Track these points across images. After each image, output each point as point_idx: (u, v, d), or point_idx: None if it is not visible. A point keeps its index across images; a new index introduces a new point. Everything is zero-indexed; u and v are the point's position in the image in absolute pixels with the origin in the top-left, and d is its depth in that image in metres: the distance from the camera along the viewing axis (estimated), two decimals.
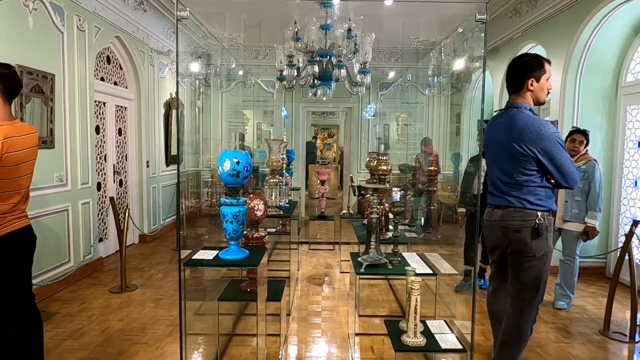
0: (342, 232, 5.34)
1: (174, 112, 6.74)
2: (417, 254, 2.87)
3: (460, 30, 5.97)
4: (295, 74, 3.73)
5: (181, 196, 5.72)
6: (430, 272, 2.48)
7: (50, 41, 3.77)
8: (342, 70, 3.57)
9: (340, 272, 4.63)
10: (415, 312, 2.02)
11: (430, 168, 5.60)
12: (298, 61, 3.82)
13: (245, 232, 2.44)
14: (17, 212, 2.03)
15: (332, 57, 3.62)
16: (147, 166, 5.91)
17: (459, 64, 5.75)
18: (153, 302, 3.69)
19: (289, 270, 4.00)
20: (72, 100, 4.09)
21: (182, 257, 2.09)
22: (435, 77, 6.58)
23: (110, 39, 4.93)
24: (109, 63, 5.13)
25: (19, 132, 1.99)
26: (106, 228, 5.10)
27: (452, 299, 3.85)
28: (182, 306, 2.11)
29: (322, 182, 5.46)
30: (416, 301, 2.01)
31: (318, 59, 3.62)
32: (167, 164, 6.64)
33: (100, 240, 4.86)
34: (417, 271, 2.25)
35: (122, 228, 4.02)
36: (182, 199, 5.70)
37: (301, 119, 8.20)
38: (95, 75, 4.65)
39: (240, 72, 8.10)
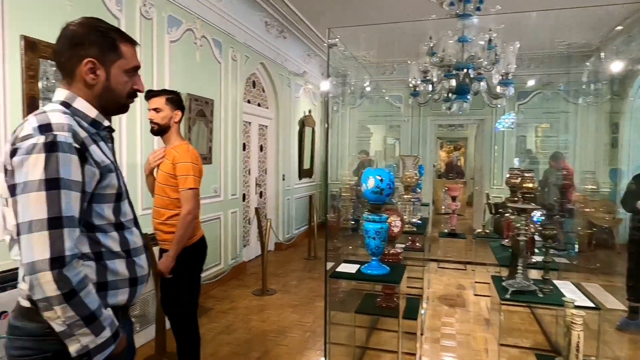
0: (476, 252, 5.05)
1: (307, 129, 7.19)
2: (572, 282, 2.57)
3: (619, 29, 5.24)
4: (430, 88, 3.69)
5: (313, 208, 6.03)
6: (593, 305, 2.20)
7: (212, 71, 4.38)
8: (481, 83, 3.42)
9: (475, 295, 4.37)
10: (577, 351, 1.81)
11: (565, 182, 5.05)
12: (432, 76, 3.78)
13: None
14: (199, 221, 2.41)
15: (470, 70, 3.49)
16: (283, 179, 6.40)
17: (619, 67, 5.04)
18: (290, 307, 3.95)
19: (420, 288, 3.92)
20: (225, 122, 4.67)
21: (324, 268, 2.22)
22: (591, 84, 5.85)
23: (256, 66, 5.51)
24: (254, 87, 5.73)
25: None
26: (248, 235, 5.65)
27: (614, 338, 3.34)
28: (327, 316, 2.23)
29: (453, 198, 5.25)
30: (578, 338, 1.81)
31: (454, 72, 3.53)
32: (300, 177, 7.09)
33: (244, 246, 5.40)
34: (577, 303, 2.01)
35: (264, 236, 4.41)
36: (314, 211, 6.01)
37: (428, 132, 8.03)
38: (243, 99, 5.23)
39: (368, 88, 8.29)
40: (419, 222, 3.74)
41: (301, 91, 7.11)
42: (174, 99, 2.31)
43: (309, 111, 7.44)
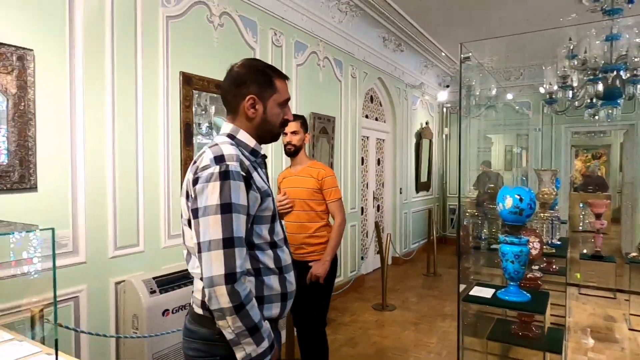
0: (631, 279, 4.36)
1: (424, 141, 7.03)
2: None
3: None
4: (570, 95, 3.34)
5: (432, 223, 5.85)
6: None
7: (333, 90, 4.56)
8: (638, 86, 2.98)
9: (630, 329, 3.77)
10: None
11: None
12: (572, 81, 3.41)
13: None
14: None
15: (622, 71, 3.07)
16: (400, 193, 6.33)
17: None
18: (412, 325, 3.86)
19: (559, 317, 3.52)
20: (345, 137, 4.81)
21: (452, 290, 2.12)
22: None
23: (374, 81, 5.59)
24: (372, 102, 5.81)
25: None
26: (367, 248, 5.70)
27: None
28: (460, 341, 2.13)
29: (598, 216, 4.62)
30: None
31: (601, 75, 3.14)
32: (417, 191, 6.94)
33: (361, 259, 5.46)
34: None
35: (384, 251, 4.40)
36: (433, 226, 5.82)
37: (562, 141, 7.22)
38: (361, 114, 5.34)
39: (493, 94, 7.80)
40: (558, 243, 3.37)
41: (418, 103, 6.99)
42: (305, 122, 2.59)
43: (426, 123, 7.27)
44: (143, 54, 2.52)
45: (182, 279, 2.55)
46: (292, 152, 2.54)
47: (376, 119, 5.93)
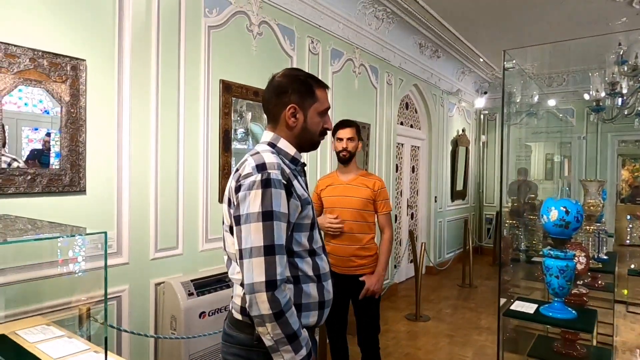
0: None
1: (460, 148, 6.89)
2: None
3: None
4: (619, 102, 3.18)
5: (467, 232, 5.70)
6: None
7: (368, 97, 4.54)
8: None
9: None
10: None
11: None
12: (621, 87, 3.25)
13: None
14: None
15: None
16: (435, 201, 6.21)
17: None
18: (446, 337, 3.77)
19: (606, 335, 3.33)
20: (380, 145, 4.78)
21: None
22: None
23: (409, 88, 5.54)
24: (407, 109, 5.75)
25: None
26: (400, 257, 5.62)
27: None
28: (499, 357, 2.06)
29: None
30: None
31: None
32: (453, 199, 6.79)
33: (394, 267, 5.38)
34: None
35: (418, 260, 4.33)
36: (469, 235, 5.67)
37: (609, 149, 6.90)
38: (397, 121, 5.29)
39: (535, 101, 7.56)
40: (605, 257, 3.20)
41: (454, 110, 6.86)
42: (359, 129, 2.54)
43: (463, 130, 7.12)
44: (185, 62, 2.60)
45: (218, 282, 2.60)
46: (347, 159, 2.47)
47: (411, 126, 5.86)
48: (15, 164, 1.89)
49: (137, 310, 2.38)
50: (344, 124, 2.52)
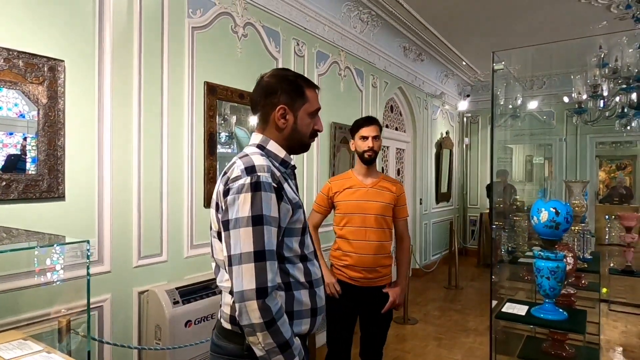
0: None
1: (444, 151, 6.94)
2: None
3: None
4: (601, 105, 3.24)
5: (453, 234, 5.73)
6: None
7: (354, 99, 4.53)
8: None
9: None
10: None
11: None
12: (602, 90, 3.31)
13: None
14: None
15: None
16: (420, 203, 6.23)
17: None
18: (434, 340, 3.76)
19: (594, 335, 3.37)
20: None
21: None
22: None
23: (394, 91, 5.55)
24: (392, 111, 5.77)
25: None
26: None
27: None
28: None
29: (628, 229, 4.44)
30: None
31: (635, 84, 3.04)
32: (437, 201, 6.83)
33: None
34: None
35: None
36: (455, 237, 5.70)
37: (588, 151, 7.05)
38: (382, 124, 5.29)
39: (510, 106, 7.66)
40: (589, 257, 3.25)
41: (438, 112, 6.92)
42: (381, 127, 2.34)
43: (446, 132, 7.19)
44: (169, 64, 2.54)
45: (204, 289, 2.53)
46: (372, 159, 2.22)
47: (396, 129, 5.88)
48: None
49: (120, 321, 2.29)
50: (368, 120, 2.28)
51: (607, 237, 7.97)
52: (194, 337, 2.31)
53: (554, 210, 1.83)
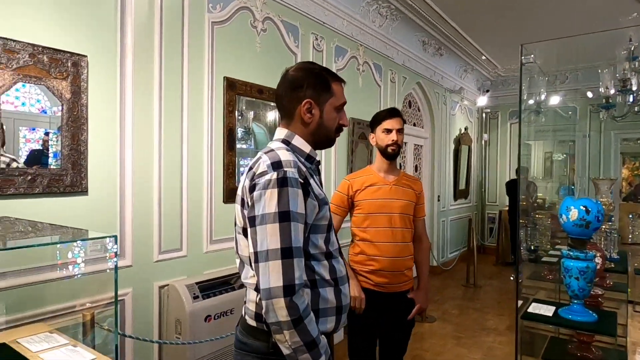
0: None
1: (463, 147, 6.83)
2: None
3: None
4: (630, 100, 3.13)
5: (472, 232, 5.65)
6: None
7: (372, 95, 4.48)
8: None
9: None
10: None
11: None
12: (631, 84, 3.19)
13: None
14: None
15: None
16: (438, 200, 6.16)
17: None
18: (454, 338, 3.71)
19: (622, 337, 3.28)
20: None
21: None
22: None
23: (412, 86, 5.48)
24: (410, 107, 5.69)
25: None
26: None
27: None
28: None
29: None
30: None
31: None
32: (455, 198, 6.74)
33: None
34: None
35: None
36: (474, 235, 5.61)
37: (612, 148, 6.86)
38: None
39: (531, 102, 7.50)
40: (616, 257, 3.15)
41: (457, 108, 6.81)
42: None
43: (465, 128, 7.07)
44: (189, 59, 2.53)
45: (224, 284, 2.54)
46: (396, 154, 2.07)
47: (414, 125, 5.80)
48: (14, 164, 1.83)
49: (141, 314, 2.31)
50: (392, 112, 2.11)
51: (630, 236, 7.77)
52: (214, 332, 2.31)
53: (584, 208, 1.77)
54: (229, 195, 2.79)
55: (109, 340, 1.49)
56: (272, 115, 3.22)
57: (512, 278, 6.01)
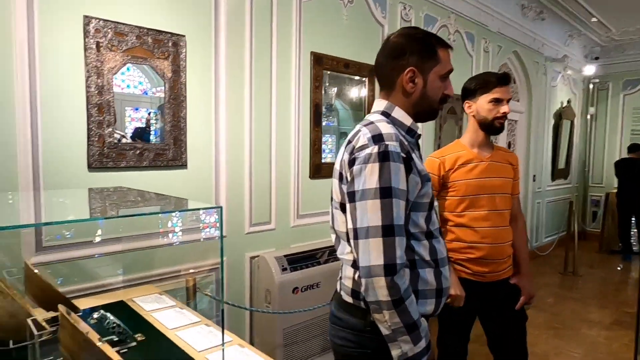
0: None
1: (564, 122, 6.19)
2: None
3: None
4: None
5: (572, 215, 5.13)
6: None
7: (462, 66, 4.18)
8: None
9: None
10: None
11: None
12: None
13: None
14: None
15: None
16: (534, 180, 5.67)
17: None
18: (550, 329, 3.44)
19: None
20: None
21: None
22: None
23: (508, 55, 5.02)
24: None
25: None
26: None
27: None
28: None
29: None
30: None
31: None
32: (553, 179, 6.17)
33: None
34: None
35: None
36: (574, 219, 5.10)
37: None
38: None
39: None
40: None
41: (559, 79, 6.14)
42: None
43: (568, 101, 6.38)
44: (277, 35, 2.54)
45: (310, 258, 2.58)
46: (502, 128, 1.83)
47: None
48: (124, 140, 1.98)
49: (234, 282, 2.43)
50: (505, 79, 1.81)
51: None
52: (301, 304, 2.37)
53: None
54: (315, 171, 2.80)
55: (210, 305, 1.58)
56: (356, 91, 3.15)
57: (619, 268, 5.41)
